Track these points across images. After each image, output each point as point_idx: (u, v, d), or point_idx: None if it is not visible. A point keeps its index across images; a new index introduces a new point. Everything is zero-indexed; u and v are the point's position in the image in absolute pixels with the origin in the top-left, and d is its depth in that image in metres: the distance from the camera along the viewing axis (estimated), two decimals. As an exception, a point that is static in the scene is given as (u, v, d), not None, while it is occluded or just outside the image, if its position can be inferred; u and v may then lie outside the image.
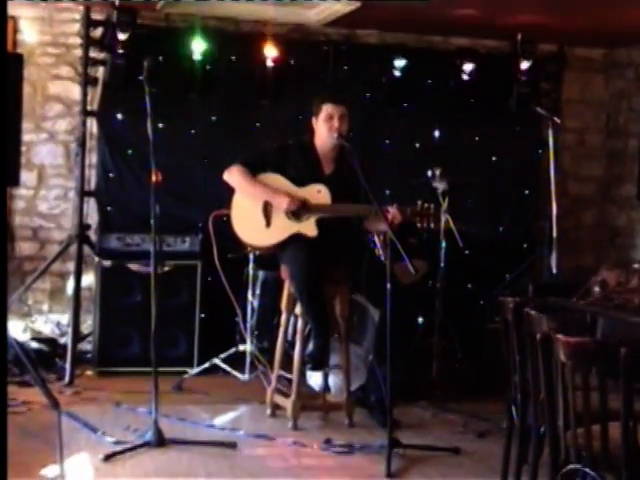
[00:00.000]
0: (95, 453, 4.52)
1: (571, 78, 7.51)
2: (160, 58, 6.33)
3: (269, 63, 6.65)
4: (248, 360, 6.06)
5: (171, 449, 4.63)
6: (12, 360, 5.70)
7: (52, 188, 6.88)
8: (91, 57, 6.35)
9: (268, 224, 5.26)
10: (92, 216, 6.58)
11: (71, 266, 6.49)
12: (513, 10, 6.32)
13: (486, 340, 6.27)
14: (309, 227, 5.20)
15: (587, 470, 3.16)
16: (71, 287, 6.43)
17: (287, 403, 5.25)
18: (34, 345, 6.33)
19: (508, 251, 7.20)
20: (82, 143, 6.35)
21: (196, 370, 6.12)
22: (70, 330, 6.20)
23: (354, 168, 4.97)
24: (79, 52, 6.52)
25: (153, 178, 4.72)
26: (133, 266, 6.25)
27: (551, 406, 3.35)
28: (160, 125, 6.15)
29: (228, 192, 5.36)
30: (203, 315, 6.39)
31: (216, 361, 6.06)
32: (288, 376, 5.52)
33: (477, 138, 7.29)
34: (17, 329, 6.47)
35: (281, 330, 5.41)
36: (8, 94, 4.76)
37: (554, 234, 6.39)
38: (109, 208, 6.67)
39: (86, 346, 6.51)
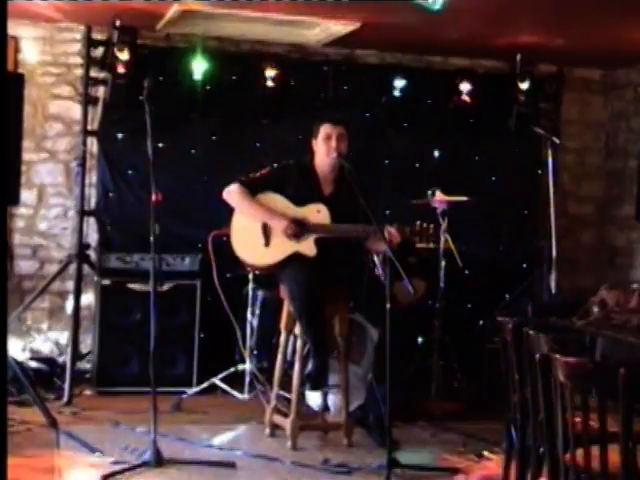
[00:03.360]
0: (93, 473, 4.49)
1: (570, 98, 7.55)
2: (160, 78, 6.37)
3: (269, 83, 6.68)
4: (247, 380, 6.06)
5: (170, 469, 4.60)
6: (11, 379, 5.69)
7: (52, 207, 6.89)
8: (92, 77, 6.39)
9: (267, 243, 5.26)
10: (92, 235, 6.60)
11: (70, 285, 6.49)
12: (512, 31, 6.36)
13: (485, 360, 6.27)
14: (308, 246, 5.21)
15: (586, 491, 3.15)
16: (70, 306, 6.43)
17: (286, 423, 5.24)
18: (33, 364, 6.33)
19: (507, 271, 7.20)
20: (82, 162, 6.37)
21: (195, 390, 6.10)
22: (69, 349, 6.20)
23: (353, 188, 4.97)
24: (80, 72, 6.56)
25: (153, 197, 4.73)
26: (132, 285, 6.24)
27: (550, 427, 3.34)
28: (160, 145, 6.17)
29: (228, 211, 5.36)
30: (202, 334, 6.39)
31: (215, 381, 6.05)
32: (287, 396, 5.50)
33: (476, 158, 7.32)
34: (16, 348, 6.44)
35: (280, 350, 5.41)
36: (8, 113, 4.79)
37: (553, 254, 6.40)
38: (109, 227, 6.68)
39: (85, 365, 6.50)
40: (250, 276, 6.05)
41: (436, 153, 7.27)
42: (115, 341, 6.25)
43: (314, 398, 5.63)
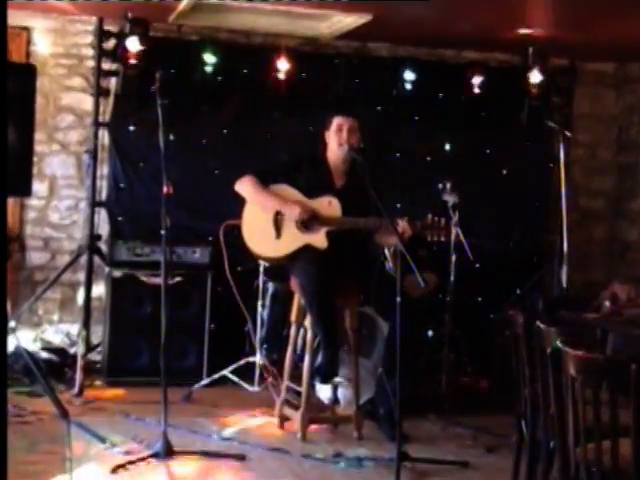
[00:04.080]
0: (104, 464, 4.51)
1: (582, 92, 7.51)
2: (172, 70, 6.37)
3: (280, 76, 6.67)
4: (257, 372, 6.07)
5: (179, 460, 4.62)
6: (22, 370, 5.73)
7: (63, 199, 6.90)
8: (103, 68, 6.38)
9: (278, 235, 5.26)
10: (103, 227, 6.60)
11: (82, 276, 6.51)
12: (524, 24, 6.33)
13: (496, 354, 6.26)
14: (319, 239, 5.21)
15: (597, 486, 3.15)
16: (81, 297, 6.45)
17: (296, 415, 5.25)
18: (44, 355, 6.35)
19: (518, 265, 7.19)
20: (94, 154, 6.38)
21: (205, 381, 6.12)
22: (80, 340, 6.21)
23: (365, 181, 4.97)
24: (92, 63, 6.56)
25: (164, 189, 4.73)
26: (143, 277, 6.26)
27: (561, 421, 3.34)
28: (171, 136, 6.17)
29: (239, 203, 5.37)
30: (213, 326, 6.39)
31: (225, 373, 6.06)
32: (297, 388, 5.51)
33: (488, 151, 7.29)
34: (27, 339, 6.47)
35: (290, 342, 5.42)
36: (20, 105, 4.80)
37: (564, 248, 6.39)
38: (120, 219, 6.69)
39: (96, 356, 6.51)
40: (261, 268, 6.06)
41: (447, 146, 7.25)
42: (126, 332, 6.26)
43: (324, 391, 5.63)
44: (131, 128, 6.64)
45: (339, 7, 6.03)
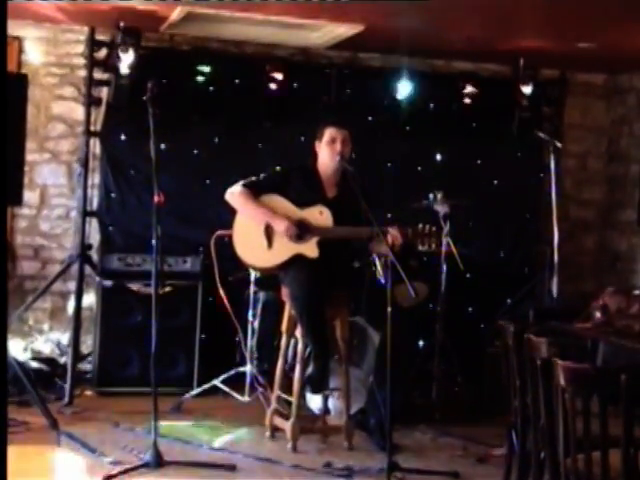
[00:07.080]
0: (94, 474, 4.50)
1: (573, 103, 7.53)
2: (164, 80, 6.36)
3: (272, 86, 6.68)
4: (248, 382, 6.06)
5: (170, 470, 4.60)
6: (11, 379, 5.68)
7: (54, 208, 6.89)
8: (95, 78, 6.37)
9: (270, 245, 5.26)
10: (94, 236, 6.59)
11: (72, 286, 6.49)
12: (515, 35, 6.36)
13: (486, 364, 6.26)
14: (310, 248, 5.21)
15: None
16: (72, 307, 6.43)
17: (287, 425, 5.24)
18: (34, 365, 6.33)
19: (509, 275, 7.20)
20: (85, 163, 6.37)
21: (196, 391, 6.10)
22: (70, 350, 6.20)
23: (356, 191, 4.98)
24: (83, 73, 6.55)
25: (155, 199, 4.73)
26: (134, 286, 6.25)
27: (551, 432, 3.34)
28: (163, 146, 6.16)
29: (230, 213, 5.37)
30: (203, 336, 6.39)
31: (216, 382, 6.05)
32: (288, 398, 5.50)
33: (479, 162, 7.31)
34: (17, 348, 6.45)
35: (281, 352, 5.41)
36: (12, 114, 4.79)
37: (555, 258, 6.41)
38: (111, 228, 6.68)
39: (86, 366, 6.50)
40: (252, 278, 6.06)
41: (438, 157, 7.26)
42: (116, 342, 6.25)
43: (315, 401, 5.63)
44: (122, 137, 6.64)
45: (331, 17, 6.05)
